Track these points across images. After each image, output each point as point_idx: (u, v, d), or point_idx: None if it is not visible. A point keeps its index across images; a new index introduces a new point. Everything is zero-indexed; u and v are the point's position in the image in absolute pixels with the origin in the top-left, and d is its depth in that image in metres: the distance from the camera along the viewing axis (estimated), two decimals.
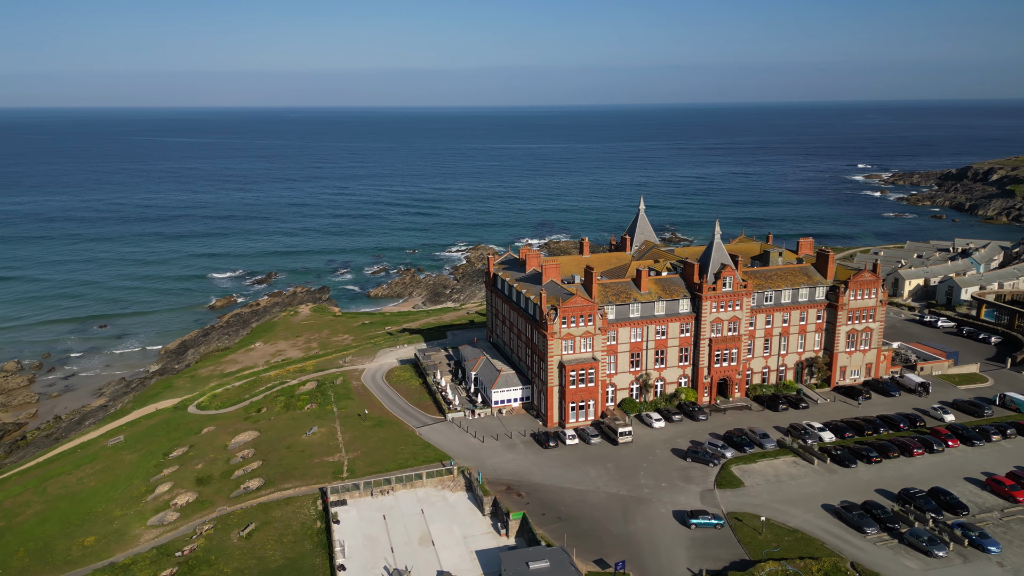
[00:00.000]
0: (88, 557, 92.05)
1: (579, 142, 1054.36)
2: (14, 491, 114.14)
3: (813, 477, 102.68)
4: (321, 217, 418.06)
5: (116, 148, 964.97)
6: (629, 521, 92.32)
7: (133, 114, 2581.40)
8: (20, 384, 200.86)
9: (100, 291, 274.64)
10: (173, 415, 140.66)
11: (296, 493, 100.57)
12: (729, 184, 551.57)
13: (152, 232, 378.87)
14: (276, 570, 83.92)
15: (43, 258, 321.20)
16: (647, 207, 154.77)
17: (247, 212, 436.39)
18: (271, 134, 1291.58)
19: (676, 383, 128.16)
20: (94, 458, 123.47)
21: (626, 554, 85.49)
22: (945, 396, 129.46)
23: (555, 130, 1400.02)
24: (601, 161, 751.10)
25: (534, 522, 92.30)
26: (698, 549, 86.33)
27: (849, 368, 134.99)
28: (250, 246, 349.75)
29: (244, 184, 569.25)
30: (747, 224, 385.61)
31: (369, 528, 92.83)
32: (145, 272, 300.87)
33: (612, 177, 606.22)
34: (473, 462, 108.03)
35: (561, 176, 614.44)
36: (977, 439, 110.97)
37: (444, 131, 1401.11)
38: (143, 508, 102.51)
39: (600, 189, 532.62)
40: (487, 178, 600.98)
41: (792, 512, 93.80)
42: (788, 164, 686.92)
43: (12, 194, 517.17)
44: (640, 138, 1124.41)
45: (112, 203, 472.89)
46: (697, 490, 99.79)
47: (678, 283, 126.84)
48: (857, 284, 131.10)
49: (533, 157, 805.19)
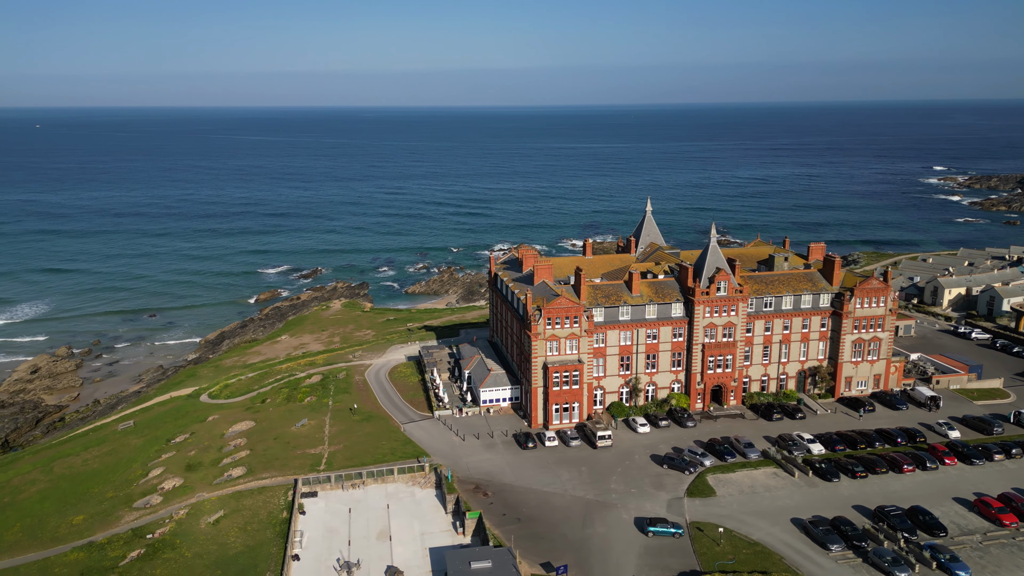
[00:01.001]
0: (72, 535, 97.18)
1: (642, 141, 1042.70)
2: (24, 469, 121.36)
3: (790, 490, 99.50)
4: (371, 216, 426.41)
5: (193, 146, 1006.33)
6: (587, 525, 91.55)
7: (214, 113, 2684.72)
8: (68, 369, 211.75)
9: (154, 285, 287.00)
10: (184, 403, 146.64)
11: (272, 483, 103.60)
12: (791, 186, 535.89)
13: (209, 228, 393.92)
14: (233, 557, 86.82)
15: (106, 252, 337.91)
16: (698, 208, 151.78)
17: (301, 210, 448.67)
18: (340, 133, 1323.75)
19: (668, 388, 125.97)
20: (103, 441, 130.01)
21: (576, 558, 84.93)
22: (958, 411, 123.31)
23: (620, 129, 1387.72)
24: (661, 161, 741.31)
25: (494, 522, 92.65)
26: (650, 557, 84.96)
27: (855, 379, 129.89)
28: (300, 243, 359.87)
29: (303, 182, 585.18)
30: (805, 228, 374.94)
31: (332, 520, 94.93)
32: (198, 267, 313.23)
33: (669, 178, 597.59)
34: (450, 460, 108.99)
35: (616, 176, 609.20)
36: (977, 458, 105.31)
37: (508, 130, 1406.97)
38: (132, 491, 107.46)
39: (654, 190, 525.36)
40: (541, 178, 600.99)
41: (758, 524, 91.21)
42: (858, 166, 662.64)
43: (88, 189, 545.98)
44: (705, 138, 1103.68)
45: (179, 199, 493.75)
46: (666, 497, 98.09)
47: (672, 286, 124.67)
48: (864, 292, 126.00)
49: (592, 157, 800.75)
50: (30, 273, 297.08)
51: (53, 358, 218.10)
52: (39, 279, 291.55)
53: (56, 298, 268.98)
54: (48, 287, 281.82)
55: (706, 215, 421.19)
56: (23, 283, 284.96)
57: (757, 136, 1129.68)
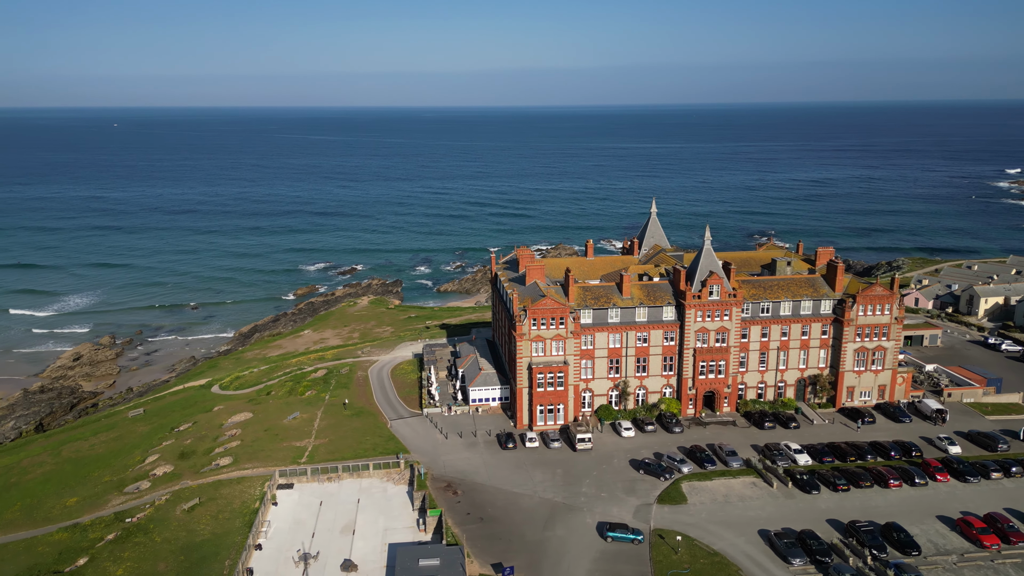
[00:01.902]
0: (62, 516, 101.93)
1: (700, 142, 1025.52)
2: (35, 451, 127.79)
3: (765, 500, 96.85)
4: (414, 215, 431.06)
5: (257, 145, 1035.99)
6: (548, 528, 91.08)
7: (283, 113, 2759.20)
8: (108, 357, 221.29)
9: (198, 281, 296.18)
10: (196, 393, 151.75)
11: (252, 473, 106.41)
12: (849, 189, 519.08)
13: (256, 226, 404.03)
14: (199, 543, 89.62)
15: (157, 248, 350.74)
16: (748, 211, 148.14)
17: (347, 209, 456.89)
18: (399, 132, 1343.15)
19: (659, 393, 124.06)
20: (112, 427, 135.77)
21: (528, 560, 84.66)
22: (965, 426, 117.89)
23: (679, 129, 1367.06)
24: (715, 162, 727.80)
25: (456, 521, 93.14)
26: (604, 562, 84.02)
27: (858, 389, 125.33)
28: (342, 242, 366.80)
29: (352, 181, 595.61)
30: (858, 234, 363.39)
31: (302, 512, 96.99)
32: (241, 264, 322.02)
33: (722, 179, 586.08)
34: (429, 457, 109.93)
35: (667, 178, 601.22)
36: (972, 475, 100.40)
37: (564, 130, 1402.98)
38: (126, 476, 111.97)
39: (702, 191, 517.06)
40: (589, 179, 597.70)
41: (723, 534, 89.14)
42: (924, 168, 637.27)
43: (151, 186, 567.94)
44: (765, 138, 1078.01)
45: (233, 197, 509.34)
46: (636, 503, 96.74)
47: (665, 289, 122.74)
48: (867, 299, 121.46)
49: (645, 157, 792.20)
50: (82, 267, 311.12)
51: (96, 346, 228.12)
52: (90, 273, 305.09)
53: (105, 291, 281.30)
54: (98, 280, 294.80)
55: (756, 219, 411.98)
56: (75, 276, 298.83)
57: (821, 136, 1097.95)
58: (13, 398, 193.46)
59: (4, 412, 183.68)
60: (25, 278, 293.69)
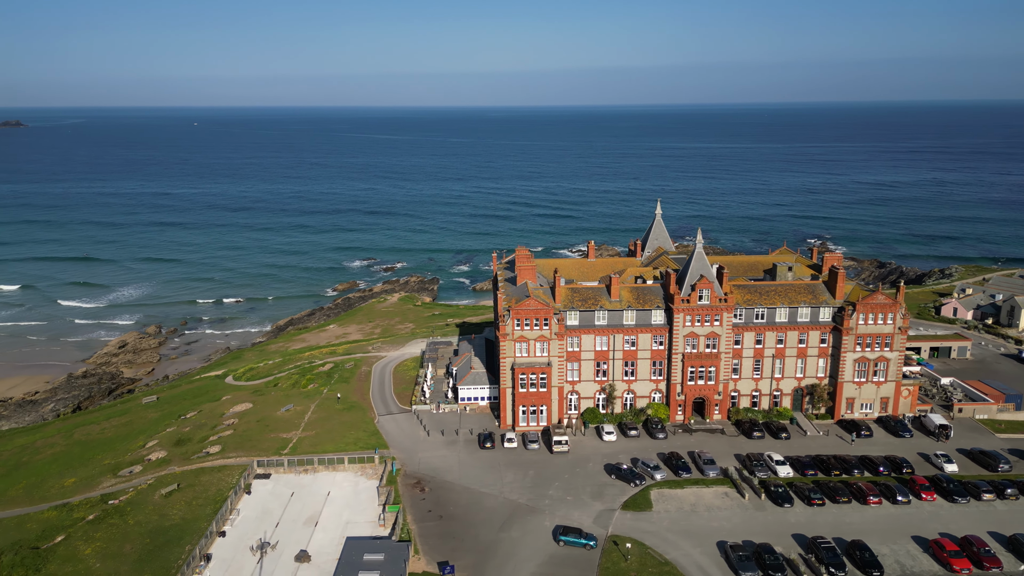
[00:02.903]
0: (57, 495, 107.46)
1: (765, 142, 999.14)
2: (50, 433, 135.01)
3: (733, 511, 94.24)
4: (461, 216, 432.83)
5: (323, 144, 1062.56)
6: (504, 529, 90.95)
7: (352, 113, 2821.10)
8: (151, 346, 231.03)
9: (243, 277, 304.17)
10: (210, 382, 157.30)
11: (235, 462, 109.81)
12: (917, 193, 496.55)
13: (306, 225, 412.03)
14: (167, 527, 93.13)
15: (211, 243, 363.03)
16: (803, 216, 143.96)
17: (397, 208, 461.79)
18: (463, 132, 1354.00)
19: (648, 397, 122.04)
20: (125, 412, 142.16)
21: (475, 560, 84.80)
22: (971, 443, 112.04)
23: (746, 128, 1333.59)
24: (779, 163, 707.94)
25: (417, 517, 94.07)
26: (550, 566, 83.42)
27: (859, 400, 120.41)
28: (388, 241, 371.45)
29: (407, 180, 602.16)
30: (918, 241, 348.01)
31: (272, 502, 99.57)
32: (287, 261, 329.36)
33: (782, 181, 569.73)
34: (407, 453, 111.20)
35: (725, 179, 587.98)
36: (961, 495, 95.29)
37: (628, 129, 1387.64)
38: (123, 460, 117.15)
39: (759, 194, 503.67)
40: (644, 179, 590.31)
41: (680, 544, 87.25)
42: (1004, 171, 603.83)
43: (215, 183, 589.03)
44: (834, 139, 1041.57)
45: (291, 195, 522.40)
46: (600, 508, 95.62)
47: (656, 293, 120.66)
48: (867, 307, 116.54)
49: (707, 157, 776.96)
50: (136, 261, 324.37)
51: (141, 335, 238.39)
52: (143, 267, 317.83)
53: (156, 284, 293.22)
54: (150, 274, 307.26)
55: (813, 223, 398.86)
56: (129, 270, 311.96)
57: (895, 137, 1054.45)
58: (57, 382, 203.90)
59: (47, 395, 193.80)
60: (84, 271, 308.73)
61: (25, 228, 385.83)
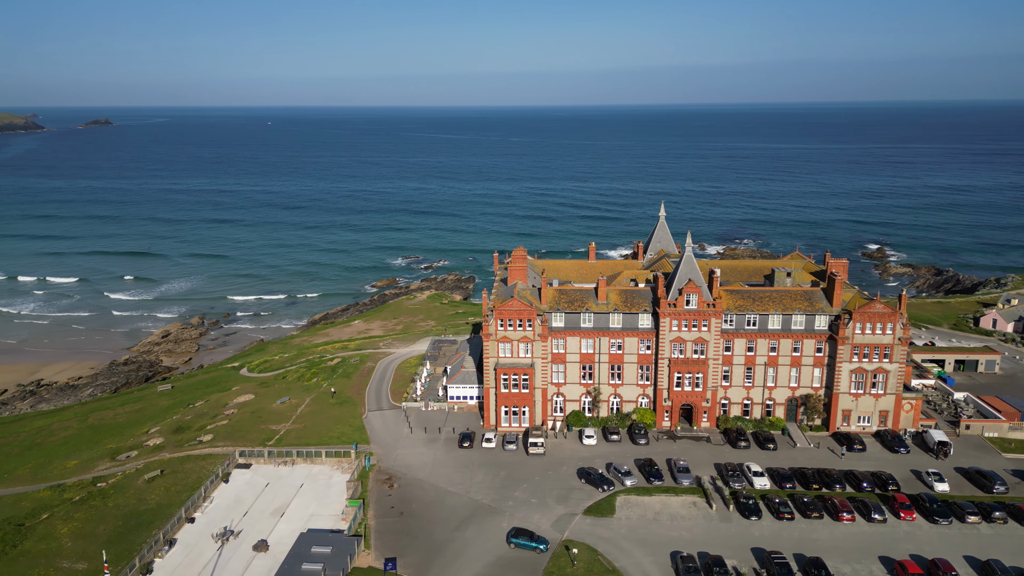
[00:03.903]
0: (56, 476, 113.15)
1: (836, 142, 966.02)
2: (67, 416, 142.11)
3: (697, 522, 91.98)
4: (507, 217, 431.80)
5: (385, 143, 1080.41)
6: (460, 529, 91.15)
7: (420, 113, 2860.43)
8: (192, 336, 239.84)
9: (286, 275, 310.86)
10: (224, 373, 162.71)
11: (221, 451, 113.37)
12: (994, 198, 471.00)
13: (354, 224, 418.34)
14: (143, 511, 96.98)
15: (262, 241, 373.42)
16: (862, 222, 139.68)
17: (447, 208, 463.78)
18: (526, 131, 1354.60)
19: (635, 402, 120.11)
20: (139, 399, 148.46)
21: (422, 558, 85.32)
22: (974, 461, 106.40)
23: (821, 128, 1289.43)
24: (845, 164, 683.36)
25: (379, 513, 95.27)
26: (495, 568, 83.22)
27: (855, 413, 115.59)
28: (431, 241, 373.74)
29: (459, 181, 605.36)
30: (984, 250, 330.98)
31: (246, 492, 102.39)
32: (332, 260, 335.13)
33: (847, 183, 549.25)
34: (386, 450, 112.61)
35: (786, 181, 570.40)
36: (944, 516, 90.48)
37: (697, 129, 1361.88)
38: (123, 445, 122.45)
39: (819, 197, 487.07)
40: (700, 181, 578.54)
41: (633, 552, 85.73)
42: None
43: (272, 181, 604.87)
44: (913, 139, 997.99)
45: (345, 194, 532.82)
46: (561, 512, 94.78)
47: (645, 296, 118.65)
48: (865, 316, 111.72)
49: (773, 158, 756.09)
50: (187, 257, 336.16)
51: (184, 326, 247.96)
52: (193, 262, 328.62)
53: (204, 279, 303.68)
54: (199, 268, 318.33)
55: (872, 229, 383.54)
56: (179, 265, 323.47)
57: (976, 138, 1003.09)
58: (100, 368, 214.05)
59: (88, 380, 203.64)
60: (138, 265, 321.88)
61: (90, 223, 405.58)
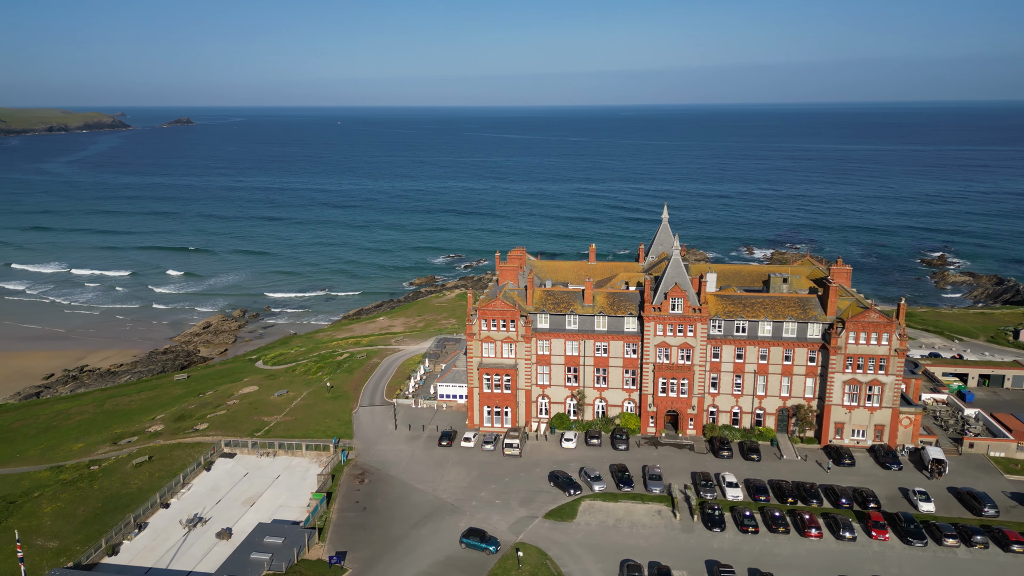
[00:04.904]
0: (59, 457, 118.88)
1: (912, 143, 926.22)
2: (85, 401, 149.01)
3: (657, 530, 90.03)
4: (551, 219, 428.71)
5: (446, 143, 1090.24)
6: (418, 526, 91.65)
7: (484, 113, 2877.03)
8: (231, 328, 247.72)
9: (329, 272, 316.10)
10: (239, 365, 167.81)
11: (210, 440, 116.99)
12: None
13: (400, 223, 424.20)
14: (123, 495, 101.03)
15: (308, 239, 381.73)
16: (925, 228, 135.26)
17: (495, 209, 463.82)
18: (586, 131, 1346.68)
19: (620, 407, 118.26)
20: (155, 387, 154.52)
21: (372, 553, 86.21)
22: (971, 481, 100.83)
23: (896, 130, 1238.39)
24: (918, 167, 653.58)
25: (343, 507, 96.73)
26: (441, 567, 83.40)
27: (849, 426, 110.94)
28: (474, 241, 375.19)
29: (514, 179, 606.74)
30: None
31: (224, 481, 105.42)
32: (374, 259, 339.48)
33: (914, 187, 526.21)
34: (366, 445, 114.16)
35: (848, 183, 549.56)
36: (919, 538, 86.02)
37: (761, 129, 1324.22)
38: (128, 431, 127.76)
39: (884, 201, 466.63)
40: (756, 182, 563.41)
41: (583, 559, 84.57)
42: None
43: (328, 179, 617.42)
44: (995, 141, 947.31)
45: (397, 193, 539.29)
46: (523, 514, 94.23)
47: (632, 299, 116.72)
48: (858, 325, 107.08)
49: (838, 160, 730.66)
50: (234, 254, 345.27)
51: (225, 318, 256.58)
52: (239, 258, 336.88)
53: (249, 275, 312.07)
54: (245, 265, 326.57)
55: (936, 235, 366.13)
56: (225, 261, 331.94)
57: None
58: (140, 356, 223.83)
59: (128, 367, 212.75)
60: (187, 260, 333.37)
61: (149, 219, 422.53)
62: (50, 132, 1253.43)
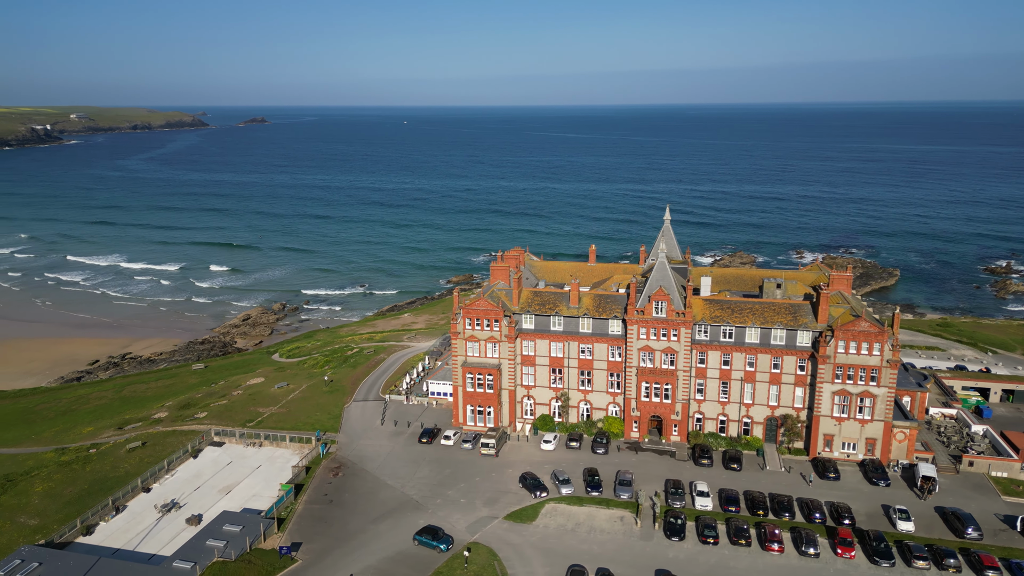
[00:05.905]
0: (67, 439, 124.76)
1: (987, 144, 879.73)
2: (106, 387, 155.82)
3: (614, 537, 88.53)
4: (595, 220, 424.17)
5: (508, 141, 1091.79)
6: (378, 521, 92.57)
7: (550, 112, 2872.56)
8: (269, 321, 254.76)
9: (369, 271, 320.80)
10: (255, 357, 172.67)
11: (204, 428, 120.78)
12: None
13: (446, 224, 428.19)
14: (111, 478, 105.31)
15: (353, 237, 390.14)
16: (992, 235, 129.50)
17: (541, 209, 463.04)
18: (648, 130, 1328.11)
19: (604, 410, 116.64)
20: (173, 376, 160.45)
21: (326, 545, 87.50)
22: (960, 501, 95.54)
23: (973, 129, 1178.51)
24: (993, 169, 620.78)
25: (311, 499, 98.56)
26: (389, 563, 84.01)
27: (839, 439, 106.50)
28: (515, 242, 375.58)
29: (565, 179, 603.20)
30: None
31: (207, 468, 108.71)
32: (414, 259, 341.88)
33: (986, 190, 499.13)
34: (350, 439, 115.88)
35: (918, 186, 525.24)
36: (886, 558, 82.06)
37: (831, 129, 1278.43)
38: (135, 416, 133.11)
39: (951, 206, 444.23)
40: (814, 184, 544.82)
41: (532, 561, 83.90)
42: None
43: (383, 176, 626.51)
44: None
45: (446, 192, 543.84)
46: (484, 514, 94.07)
47: (618, 302, 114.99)
48: (848, 334, 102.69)
49: (909, 161, 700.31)
50: (278, 251, 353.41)
51: (264, 311, 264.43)
52: (283, 255, 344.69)
53: (293, 271, 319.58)
54: (289, 261, 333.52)
55: (1002, 243, 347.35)
56: (270, 258, 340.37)
57: None
58: (180, 345, 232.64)
59: (166, 356, 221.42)
60: (234, 256, 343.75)
61: (203, 215, 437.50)
62: (134, 130, 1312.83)
